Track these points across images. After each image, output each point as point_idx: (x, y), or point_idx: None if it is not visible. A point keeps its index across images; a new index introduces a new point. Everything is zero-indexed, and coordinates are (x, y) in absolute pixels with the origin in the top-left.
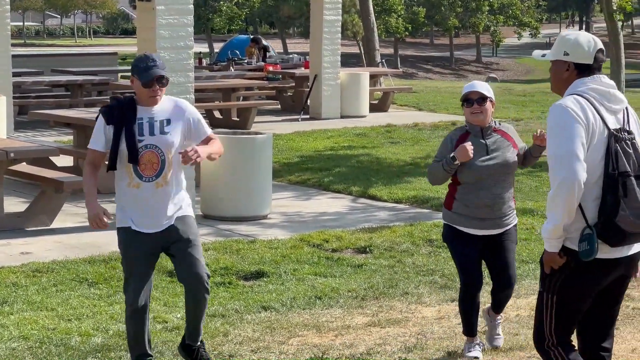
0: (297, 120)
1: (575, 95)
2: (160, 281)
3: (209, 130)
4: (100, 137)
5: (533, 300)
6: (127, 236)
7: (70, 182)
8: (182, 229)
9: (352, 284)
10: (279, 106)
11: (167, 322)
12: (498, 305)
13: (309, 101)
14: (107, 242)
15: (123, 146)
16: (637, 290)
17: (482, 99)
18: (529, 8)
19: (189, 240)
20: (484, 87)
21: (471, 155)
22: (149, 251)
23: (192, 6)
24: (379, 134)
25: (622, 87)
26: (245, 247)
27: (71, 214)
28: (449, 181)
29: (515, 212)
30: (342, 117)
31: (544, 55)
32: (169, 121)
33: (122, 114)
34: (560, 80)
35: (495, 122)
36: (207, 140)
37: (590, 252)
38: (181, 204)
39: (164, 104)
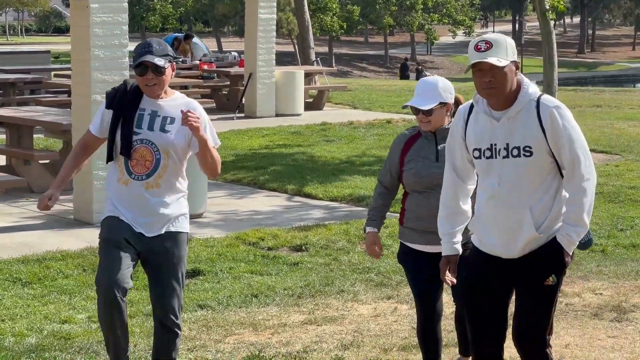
0: (232, 118)
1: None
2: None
3: (212, 141)
4: (97, 120)
5: None
6: (113, 221)
7: (3, 182)
8: (170, 248)
9: (288, 282)
10: (214, 105)
11: None
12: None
13: (244, 100)
14: (41, 242)
15: (118, 135)
16: (570, 286)
17: (429, 110)
18: (463, 6)
19: (172, 264)
20: (431, 96)
21: (375, 256)
22: (132, 243)
23: (126, 4)
24: (314, 132)
25: (554, 85)
26: None
27: (4, 213)
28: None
29: None
30: (277, 115)
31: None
32: (172, 120)
33: (125, 100)
34: (513, 80)
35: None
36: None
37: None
38: (177, 216)
39: (175, 102)
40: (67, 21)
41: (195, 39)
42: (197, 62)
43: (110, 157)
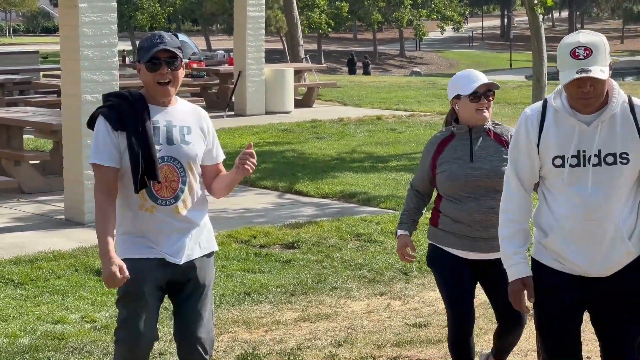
0: (222, 116)
1: None
2: (87, 280)
3: (222, 156)
4: (106, 148)
5: None
6: (133, 265)
7: None
8: (201, 273)
9: (280, 280)
10: (204, 103)
11: (95, 322)
12: (502, 350)
13: (233, 98)
14: (32, 243)
15: (140, 157)
16: None
17: (492, 92)
18: (451, 2)
19: (204, 287)
20: (489, 80)
21: (406, 258)
22: (160, 283)
23: (115, 4)
24: (304, 129)
25: (544, 79)
26: None
27: None
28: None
29: None
30: (267, 113)
31: None
32: (189, 129)
33: (134, 115)
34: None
35: (491, 122)
36: (217, 171)
37: None
38: (206, 235)
39: (183, 107)
40: (55, 21)
41: (185, 38)
42: (187, 60)
43: (143, 184)
